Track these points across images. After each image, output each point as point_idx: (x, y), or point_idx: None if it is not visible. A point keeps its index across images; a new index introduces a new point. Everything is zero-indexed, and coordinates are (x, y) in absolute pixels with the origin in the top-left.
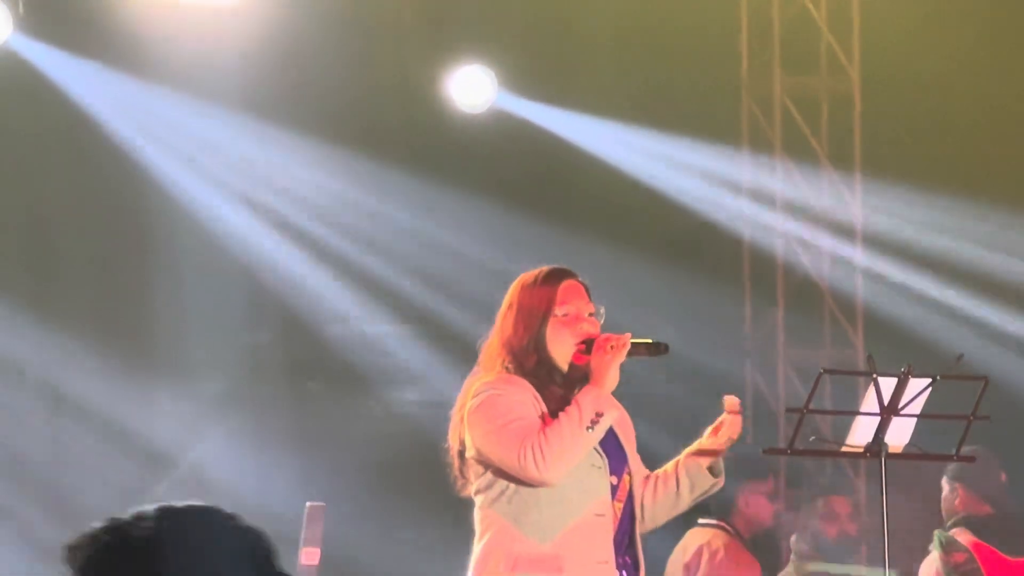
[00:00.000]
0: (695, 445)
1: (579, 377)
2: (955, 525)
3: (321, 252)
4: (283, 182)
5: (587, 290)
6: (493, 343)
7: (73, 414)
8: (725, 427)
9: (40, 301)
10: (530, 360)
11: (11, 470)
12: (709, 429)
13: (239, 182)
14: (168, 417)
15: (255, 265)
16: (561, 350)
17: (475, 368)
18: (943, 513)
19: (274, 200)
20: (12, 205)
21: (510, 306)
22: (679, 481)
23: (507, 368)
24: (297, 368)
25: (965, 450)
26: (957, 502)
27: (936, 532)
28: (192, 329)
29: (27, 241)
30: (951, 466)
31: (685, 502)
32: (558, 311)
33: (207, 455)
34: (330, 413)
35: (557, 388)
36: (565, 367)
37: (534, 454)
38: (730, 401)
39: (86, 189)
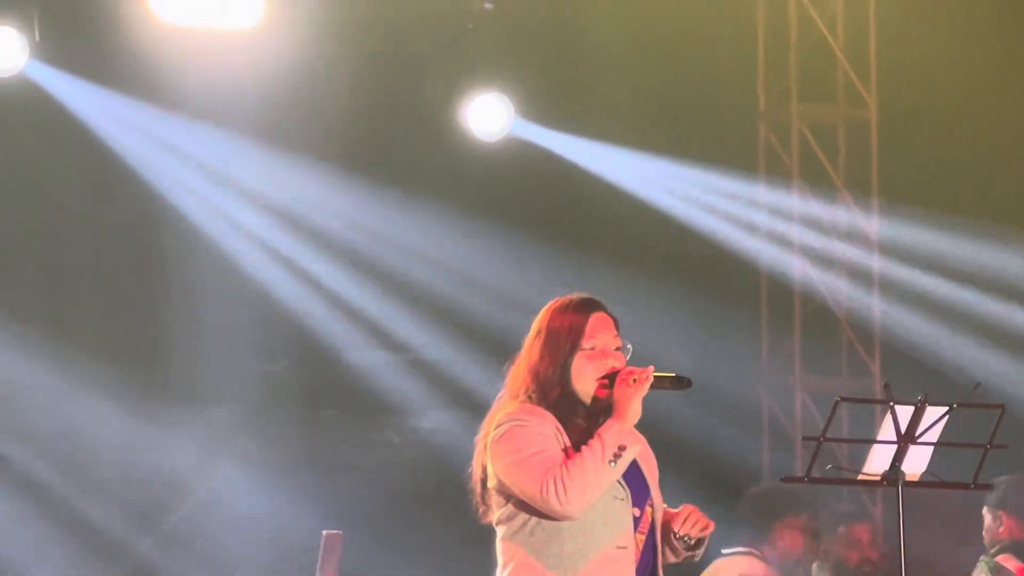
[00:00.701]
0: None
1: (602, 409)
2: (1001, 551)
3: (336, 279)
4: (299, 209)
5: (616, 324)
6: (519, 368)
7: (88, 441)
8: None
9: (55, 327)
10: (554, 391)
11: (27, 495)
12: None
13: (254, 209)
14: (183, 444)
15: (270, 292)
16: (585, 383)
17: (501, 392)
18: (986, 542)
19: (289, 227)
20: (27, 231)
21: (538, 332)
22: (665, 545)
23: (530, 397)
24: (313, 395)
25: (1005, 478)
26: (1001, 530)
27: (982, 559)
28: (207, 356)
29: (42, 267)
30: (992, 495)
31: (671, 563)
32: (586, 344)
33: (223, 482)
34: (346, 441)
35: (580, 421)
36: (588, 400)
37: (556, 487)
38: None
39: (101, 215)
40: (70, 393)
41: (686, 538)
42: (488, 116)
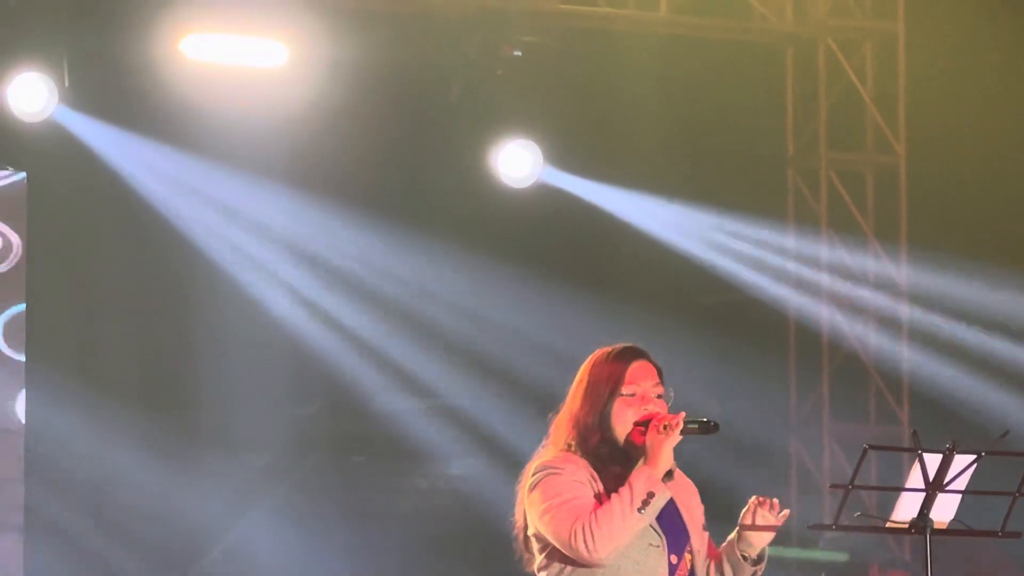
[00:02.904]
0: (734, 532)
1: (639, 456)
2: None
3: (365, 324)
4: (327, 255)
5: (659, 372)
6: (563, 417)
7: (119, 487)
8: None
9: (86, 374)
10: (593, 438)
11: (58, 543)
12: (743, 513)
13: (284, 255)
14: (213, 489)
15: (300, 338)
16: (624, 429)
17: (544, 440)
18: None
19: (318, 272)
20: (57, 276)
21: (580, 381)
22: (723, 568)
23: (569, 445)
24: (342, 442)
25: None
26: None
27: None
28: (238, 402)
29: (72, 313)
30: None
31: None
32: (625, 390)
33: (252, 528)
34: (375, 486)
35: (617, 467)
36: (627, 447)
37: (584, 534)
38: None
39: (131, 260)
40: (102, 440)
41: (748, 556)
42: (517, 163)
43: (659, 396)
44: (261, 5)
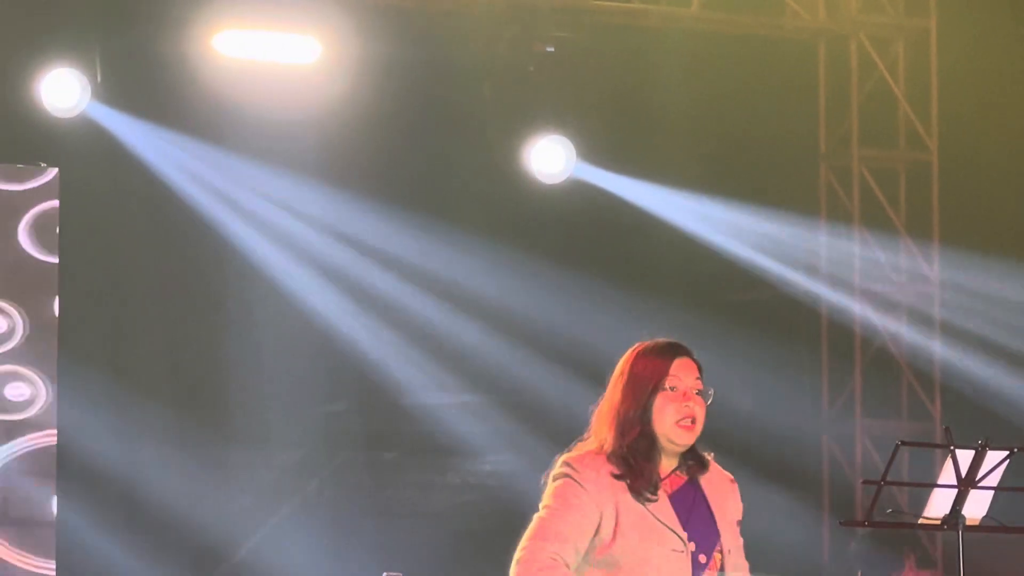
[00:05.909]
0: None
1: (672, 452)
2: None
3: (398, 321)
4: (359, 251)
5: (700, 369)
6: (603, 409)
7: (150, 484)
8: None
9: (118, 369)
10: (633, 431)
11: (90, 537)
12: None
13: (317, 250)
14: (245, 486)
15: (331, 335)
16: (664, 425)
17: (586, 432)
18: None
19: (352, 269)
20: (90, 271)
21: (622, 373)
22: None
23: (602, 445)
24: (374, 438)
25: None
26: None
27: None
28: (269, 398)
29: (105, 307)
30: None
31: None
32: (667, 385)
33: (284, 524)
34: (406, 483)
35: (650, 464)
36: (665, 442)
37: (519, 567)
38: None
39: (163, 255)
40: (133, 438)
41: None
42: (550, 158)
43: (698, 392)
44: (294, 1)
